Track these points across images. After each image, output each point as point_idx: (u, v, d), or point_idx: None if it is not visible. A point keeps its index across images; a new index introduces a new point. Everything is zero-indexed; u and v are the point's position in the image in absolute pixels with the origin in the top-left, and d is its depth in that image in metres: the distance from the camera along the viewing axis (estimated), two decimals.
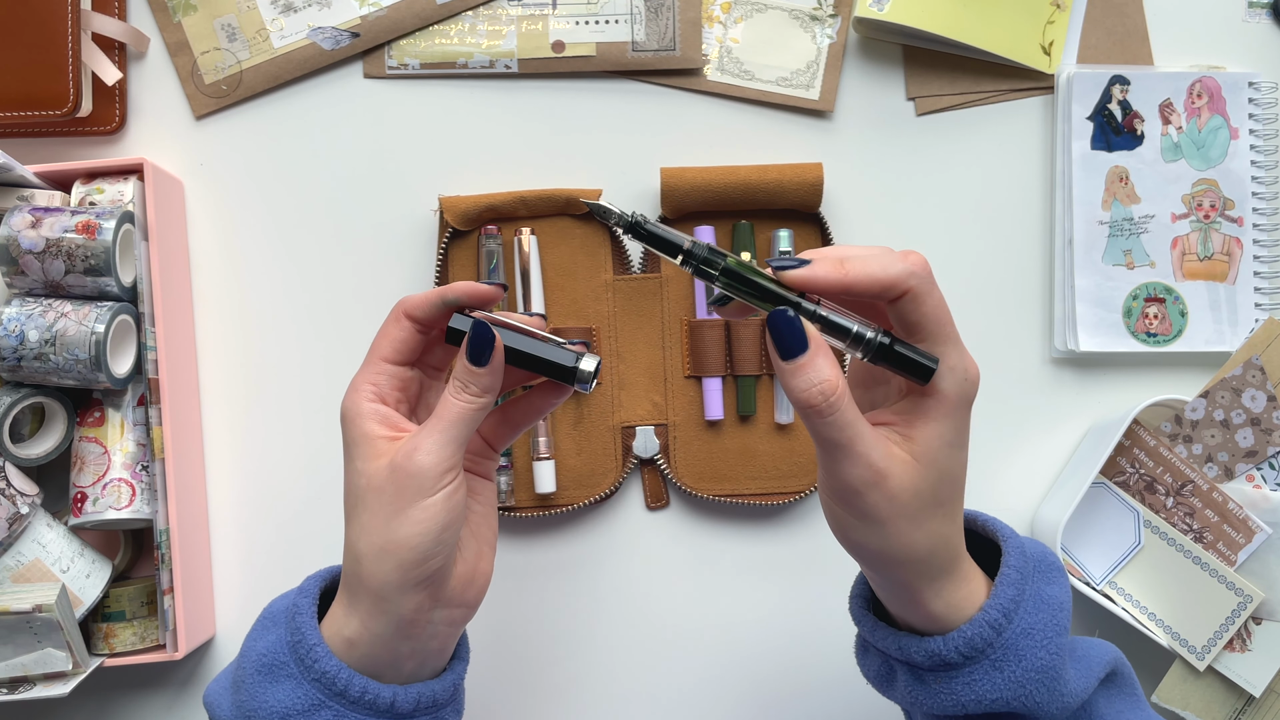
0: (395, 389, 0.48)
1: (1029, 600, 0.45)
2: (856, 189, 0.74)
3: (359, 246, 0.73)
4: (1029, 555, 0.47)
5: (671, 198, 0.70)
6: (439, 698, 0.48)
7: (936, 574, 0.45)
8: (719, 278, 0.43)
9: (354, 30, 0.73)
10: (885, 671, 0.49)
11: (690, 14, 0.73)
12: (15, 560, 0.63)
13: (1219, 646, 0.69)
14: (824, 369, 0.42)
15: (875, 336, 0.43)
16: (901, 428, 0.44)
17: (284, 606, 0.49)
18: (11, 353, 0.62)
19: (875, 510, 0.43)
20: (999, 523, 0.49)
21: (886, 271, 0.42)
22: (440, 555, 0.45)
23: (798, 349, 0.42)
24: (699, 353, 0.71)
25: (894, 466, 0.43)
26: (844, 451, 0.42)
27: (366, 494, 0.45)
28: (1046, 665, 0.44)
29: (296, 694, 0.45)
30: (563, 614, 0.73)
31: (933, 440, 0.43)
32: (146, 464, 0.66)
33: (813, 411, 0.42)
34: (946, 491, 0.44)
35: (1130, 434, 0.70)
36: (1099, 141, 0.73)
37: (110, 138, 0.73)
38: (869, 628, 0.49)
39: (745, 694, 0.73)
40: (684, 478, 0.71)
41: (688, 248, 0.43)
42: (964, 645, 0.44)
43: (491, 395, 0.47)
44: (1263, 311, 0.73)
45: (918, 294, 0.42)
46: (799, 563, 0.73)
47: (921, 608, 0.45)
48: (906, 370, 0.43)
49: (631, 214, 0.44)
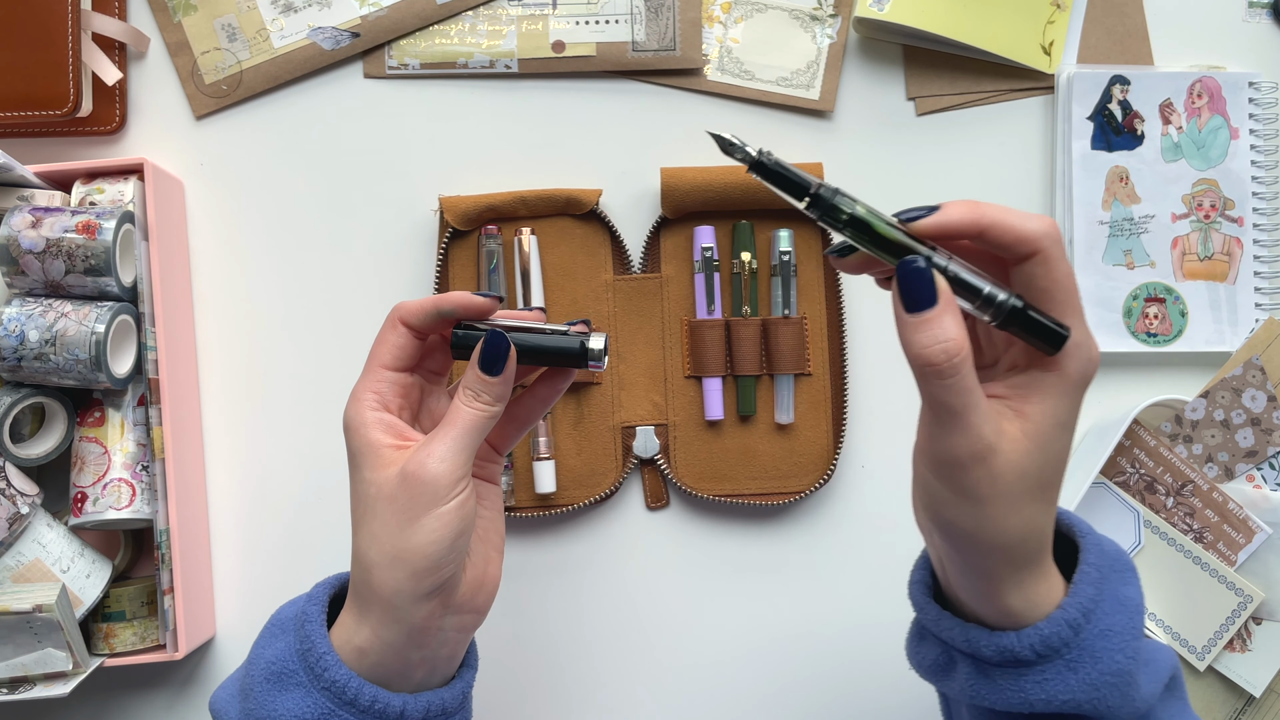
0: (397, 395, 0.48)
1: (1108, 600, 0.43)
2: (856, 189, 0.73)
3: (359, 246, 0.73)
4: (1107, 553, 0.45)
5: (671, 198, 0.70)
6: (448, 706, 0.48)
7: (1023, 563, 0.43)
8: (845, 226, 0.41)
9: (354, 30, 0.73)
10: (944, 661, 0.47)
11: (690, 14, 0.73)
12: (15, 560, 0.63)
13: (1219, 646, 0.69)
14: (950, 327, 0.39)
15: (1008, 299, 0.40)
16: (1015, 402, 0.42)
17: (292, 613, 0.48)
18: (11, 353, 0.62)
19: (976, 487, 0.41)
20: (1076, 517, 0.47)
21: (1023, 224, 0.40)
22: (453, 563, 0.45)
23: (926, 302, 0.40)
24: (699, 353, 0.71)
25: (1004, 443, 0.40)
26: (956, 419, 0.40)
27: (377, 503, 0.45)
28: (1122, 669, 0.43)
29: (306, 702, 0.45)
30: (563, 614, 0.73)
31: (1047, 418, 0.41)
32: (146, 464, 0.66)
33: (932, 371, 0.39)
34: (1050, 475, 0.42)
35: (1130, 434, 0.70)
36: (1099, 141, 0.73)
37: (110, 138, 0.73)
38: (933, 616, 0.46)
39: (745, 694, 0.73)
40: (684, 478, 0.71)
41: (815, 190, 0.40)
42: (1039, 643, 0.42)
43: (503, 403, 0.47)
44: (1263, 311, 0.73)
45: (1050, 257, 0.40)
46: (799, 563, 0.73)
47: (998, 600, 0.43)
48: (1038, 336, 0.40)
49: (758, 150, 0.41)
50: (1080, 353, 0.41)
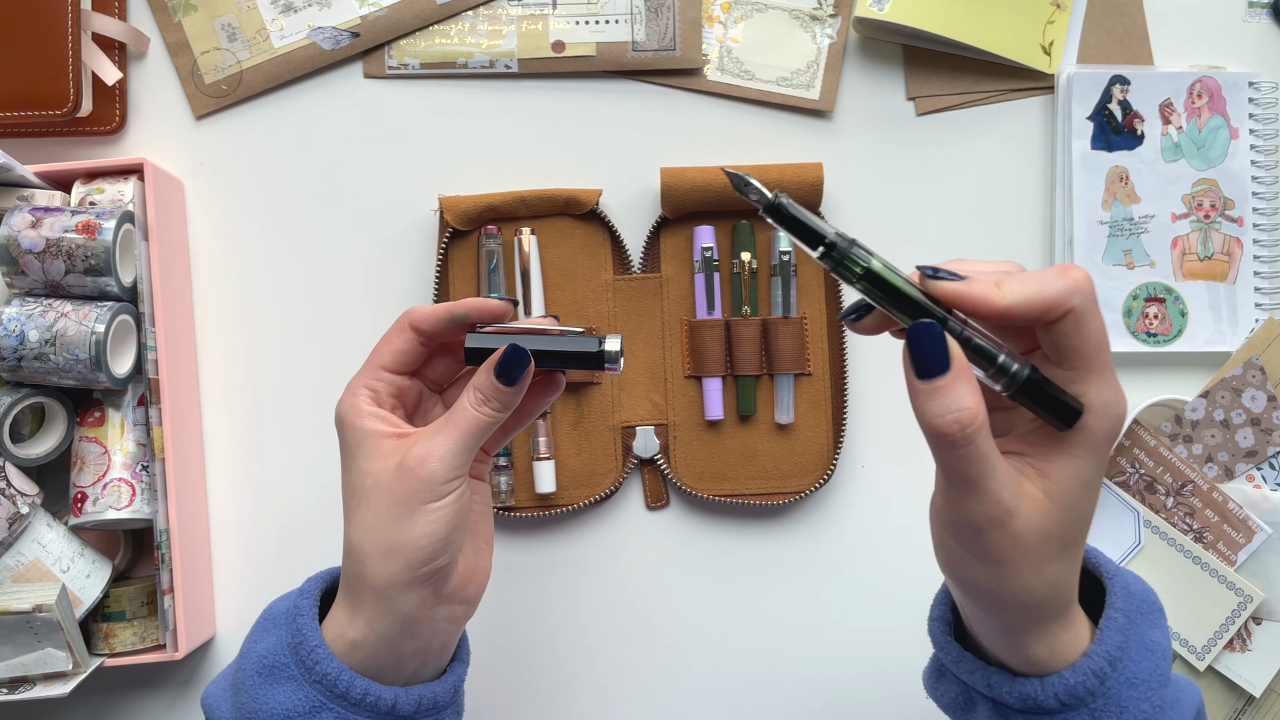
0: (392, 395, 0.48)
1: (1134, 647, 0.42)
2: (856, 189, 0.74)
3: (359, 246, 0.73)
4: (1134, 595, 0.44)
5: (671, 198, 0.70)
6: (440, 699, 0.48)
7: (1048, 617, 0.41)
8: (860, 280, 0.39)
9: (354, 30, 0.73)
10: (963, 701, 0.46)
11: (690, 14, 0.73)
12: (15, 560, 0.63)
13: (1219, 646, 0.69)
14: (964, 395, 0.37)
15: (1022, 370, 0.39)
16: (1036, 460, 0.40)
17: (284, 608, 0.49)
18: (11, 353, 0.62)
19: (996, 550, 0.39)
20: (1102, 556, 0.46)
21: (1045, 291, 0.37)
22: (446, 555, 0.46)
23: (938, 369, 0.38)
24: (699, 353, 0.71)
25: (1024, 505, 0.39)
26: (972, 487, 0.38)
27: (373, 494, 0.45)
28: (1148, 717, 0.41)
29: (298, 696, 0.45)
30: (562, 614, 0.73)
31: (1070, 478, 0.39)
32: (146, 464, 0.66)
33: (945, 441, 0.38)
34: (1074, 534, 0.40)
35: (1130, 434, 0.70)
36: (1099, 141, 0.73)
37: (110, 138, 0.73)
38: (953, 657, 0.45)
39: (745, 694, 0.73)
40: (684, 478, 0.71)
41: (831, 238, 0.39)
42: (1064, 693, 0.41)
43: (510, 411, 0.47)
44: (1263, 311, 0.73)
45: (1080, 315, 0.38)
46: (799, 563, 0.73)
47: (1022, 650, 0.42)
48: (1049, 411, 0.39)
49: (774, 194, 0.39)
50: (1107, 411, 0.39)
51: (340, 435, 0.47)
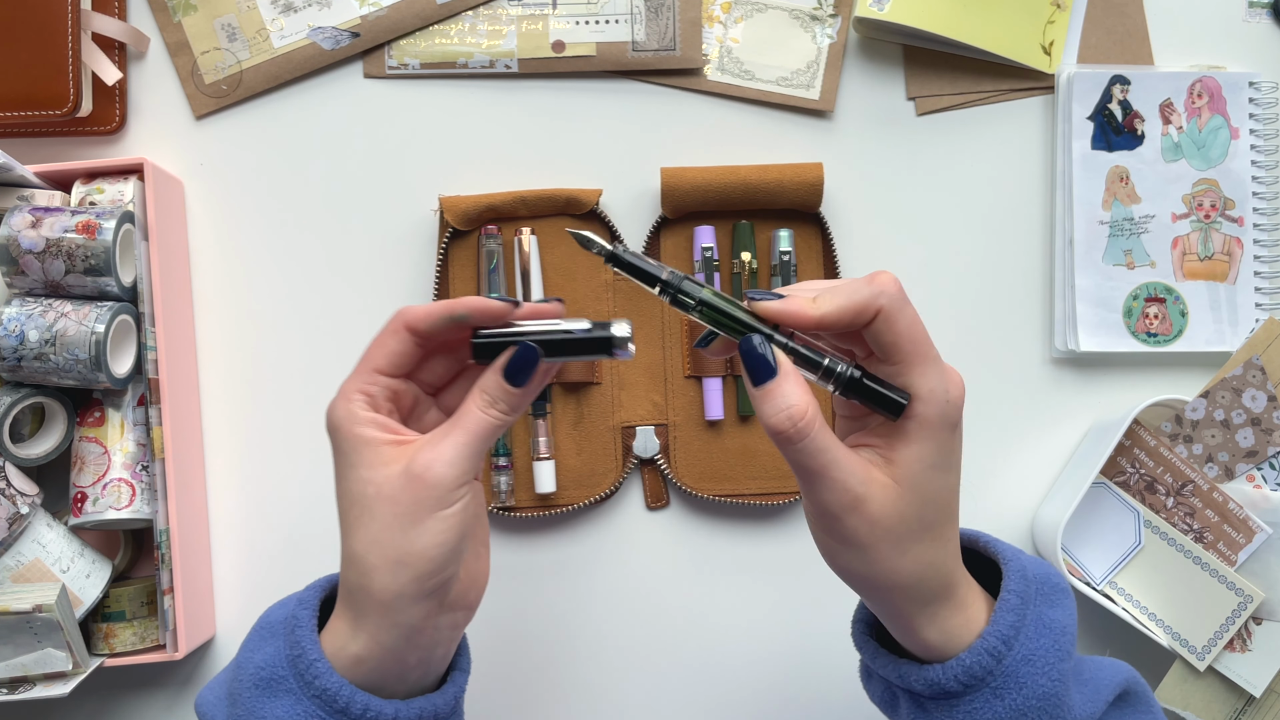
0: (387, 399, 0.46)
1: (1030, 625, 0.44)
2: (857, 189, 0.74)
3: (359, 246, 0.73)
4: (1030, 577, 0.46)
5: (671, 198, 0.70)
6: (440, 712, 0.47)
7: (929, 600, 0.44)
8: (695, 308, 0.44)
9: (354, 30, 0.73)
10: (889, 698, 0.49)
11: (690, 14, 0.73)
12: (15, 560, 0.63)
13: (1219, 646, 0.69)
14: (791, 394, 0.42)
15: (845, 370, 0.43)
16: (884, 450, 0.43)
17: (282, 617, 0.47)
18: (11, 353, 0.62)
19: (856, 535, 0.43)
20: (1000, 543, 0.48)
21: (853, 298, 0.42)
22: (455, 564, 0.44)
23: (765, 375, 0.42)
24: (699, 352, 0.71)
25: (873, 490, 0.42)
26: (818, 477, 0.42)
27: (376, 503, 0.43)
28: (1049, 692, 0.43)
29: (295, 710, 0.44)
30: (563, 614, 0.73)
31: (913, 463, 0.43)
32: (146, 464, 0.66)
33: (782, 438, 0.42)
34: (932, 515, 0.43)
35: (1130, 434, 0.70)
36: (1099, 141, 0.73)
37: (110, 138, 0.73)
38: (870, 654, 0.48)
39: (745, 694, 0.73)
40: (684, 478, 0.71)
41: (665, 278, 0.44)
42: (963, 674, 0.44)
43: (519, 413, 0.45)
44: (1263, 311, 0.73)
45: (888, 313, 0.42)
46: (799, 563, 0.73)
47: (916, 635, 0.45)
48: (878, 405, 0.43)
49: (612, 245, 0.45)
50: (934, 397, 0.42)
51: (335, 442, 0.45)
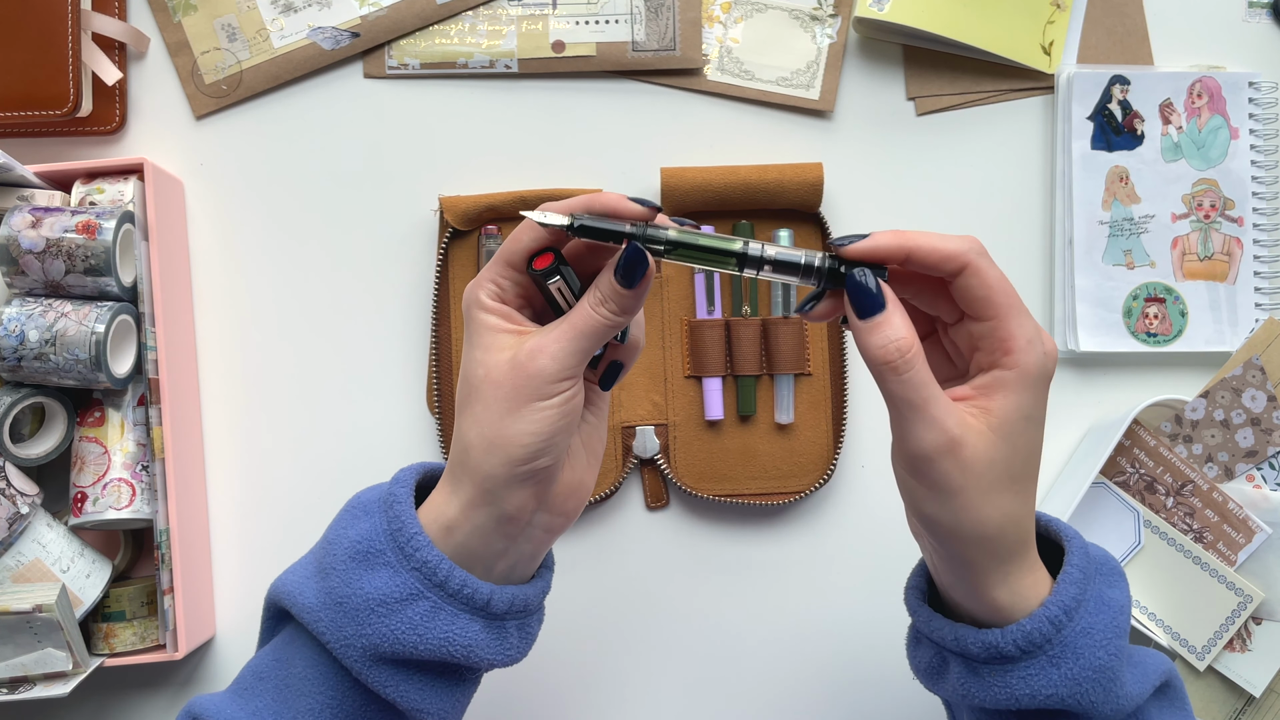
0: (518, 295, 0.47)
1: (1091, 600, 0.45)
2: (856, 189, 0.74)
3: (359, 246, 0.73)
4: (1092, 557, 0.47)
5: (671, 198, 0.70)
6: (530, 603, 0.48)
7: (1006, 556, 0.44)
8: (669, 253, 0.44)
9: (354, 30, 0.73)
10: (937, 664, 0.49)
11: (690, 14, 0.73)
12: (15, 560, 0.63)
13: (1219, 646, 0.69)
14: (900, 326, 0.43)
15: (824, 261, 0.44)
16: (980, 400, 0.44)
17: (376, 497, 0.48)
18: (11, 353, 0.62)
19: (948, 479, 0.43)
20: (1063, 524, 0.49)
21: (945, 244, 0.43)
22: (549, 456, 0.45)
23: (875, 307, 0.43)
24: (699, 353, 0.71)
25: (969, 435, 0.43)
26: (918, 413, 0.42)
27: (484, 385, 0.45)
28: (1104, 665, 0.44)
29: (395, 581, 0.45)
30: (562, 614, 0.73)
31: (1010, 412, 0.43)
32: (146, 464, 0.66)
33: (888, 368, 0.42)
34: (1020, 468, 0.44)
35: (1130, 434, 0.70)
36: (1099, 141, 0.73)
37: (110, 138, 0.73)
38: (925, 618, 0.48)
39: (745, 694, 0.73)
40: (684, 478, 0.71)
41: (629, 230, 0.44)
42: (1022, 639, 0.44)
43: (630, 316, 0.45)
44: (1263, 311, 0.73)
45: (978, 266, 0.43)
46: (799, 563, 0.73)
47: (985, 593, 0.45)
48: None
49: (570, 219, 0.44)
50: (1034, 348, 0.43)
51: (465, 319, 0.47)
